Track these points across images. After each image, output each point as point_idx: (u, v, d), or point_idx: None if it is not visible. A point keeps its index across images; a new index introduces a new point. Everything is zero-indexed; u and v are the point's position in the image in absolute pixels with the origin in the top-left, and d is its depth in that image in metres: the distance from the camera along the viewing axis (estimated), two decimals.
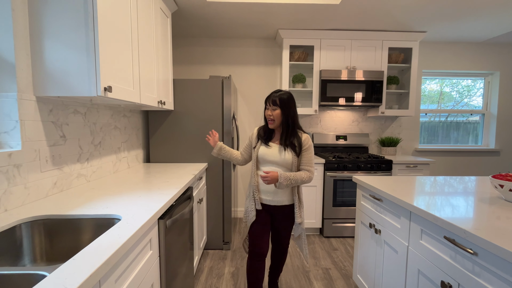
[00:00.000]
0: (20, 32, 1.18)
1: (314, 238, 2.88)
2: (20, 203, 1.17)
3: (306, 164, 1.59)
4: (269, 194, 1.63)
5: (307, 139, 1.60)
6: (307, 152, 1.58)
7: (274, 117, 1.56)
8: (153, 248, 1.12)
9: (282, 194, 1.62)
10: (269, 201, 1.64)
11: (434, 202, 1.27)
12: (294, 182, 1.53)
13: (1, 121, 1.15)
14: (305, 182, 1.57)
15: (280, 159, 1.56)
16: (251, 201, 1.66)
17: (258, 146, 1.64)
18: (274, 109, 1.55)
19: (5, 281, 0.71)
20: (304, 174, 1.56)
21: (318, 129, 3.43)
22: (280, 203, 1.63)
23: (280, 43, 3.17)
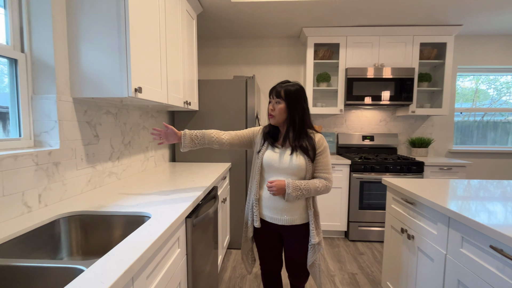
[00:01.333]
0: (59, 37, 1.25)
1: (339, 242, 2.80)
2: (58, 199, 1.24)
3: (322, 170, 1.29)
4: (276, 211, 1.31)
5: (321, 140, 1.31)
6: (322, 156, 1.29)
7: (276, 112, 1.28)
8: (180, 246, 1.14)
9: (293, 210, 1.30)
10: (276, 220, 1.32)
11: (474, 208, 1.17)
12: (307, 193, 1.24)
13: (42, 121, 1.22)
14: (321, 193, 1.27)
15: (290, 165, 1.26)
16: (250, 215, 1.40)
17: (264, 150, 1.35)
18: (278, 103, 1.28)
19: (46, 273, 0.74)
20: (320, 183, 1.26)
21: (343, 129, 3.33)
22: (290, 222, 1.31)
23: (304, 42, 3.11)
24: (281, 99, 1.27)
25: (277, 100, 1.28)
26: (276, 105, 1.29)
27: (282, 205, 1.30)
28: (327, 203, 2.80)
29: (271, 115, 1.31)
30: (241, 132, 1.46)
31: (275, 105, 1.29)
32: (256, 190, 1.35)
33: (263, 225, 1.39)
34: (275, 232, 1.39)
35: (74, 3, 1.27)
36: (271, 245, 1.42)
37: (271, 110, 1.30)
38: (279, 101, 1.28)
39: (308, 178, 1.29)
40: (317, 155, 1.29)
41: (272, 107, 1.30)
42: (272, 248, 1.42)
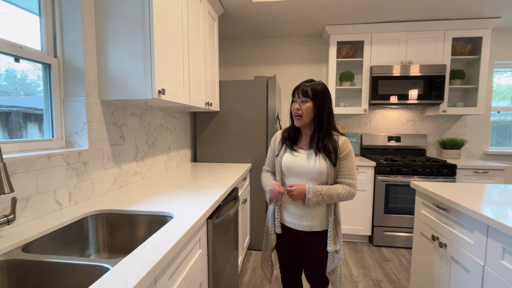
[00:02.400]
0: (88, 42, 1.30)
1: (363, 246, 2.70)
2: (87, 197, 1.29)
3: (346, 175, 1.22)
4: (295, 216, 1.28)
5: (345, 143, 1.23)
6: (346, 160, 1.22)
7: (303, 112, 1.22)
8: (202, 247, 1.14)
9: (313, 216, 1.26)
10: (295, 225, 1.29)
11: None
12: (328, 199, 1.17)
13: (72, 122, 1.28)
14: (343, 199, 1.21)
15: (311, 169, 1.21)
16: (271, 221, 1.36)
17: (282, 153, 1.31)
18: (304, 102, 1.22)
19: (74, 269, 0.77)
20: (342, 189, 1.19)
21: (368, 129, 3.21)
22: (309, 228, 1.27)
23: (327, 40, 3.04)
24: (308, 98, 1.21)
25: (303, 99, 1.22)
26: (302, 104, 1.22)
27: (301, 210, 1.27)
28: (350, 207, 2.70)
29: (298, 116, 1.24)
30: (267, 159, 1.44)
31: (301, 104, 1.23)
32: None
33: (283, 230, 1.36)
34: (294, 237, 1.35)
35: (102, 9, 1.32)
36: (291, 250, 1.37)
37: (297, 109, 1.23)
38: (305, 100, 1.22)
39: (330, 183, 1.23)
40: (341, 159, 1.22)
41: (298, 107, 1.23)
42: (292, 254, 1.38)
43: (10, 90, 1.27)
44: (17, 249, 0.82)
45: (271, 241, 1.36)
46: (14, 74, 1.25)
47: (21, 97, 1.29)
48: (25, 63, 1.24)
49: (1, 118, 1.20)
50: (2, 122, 1.20)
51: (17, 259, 0.78)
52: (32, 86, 1.34)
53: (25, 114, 1.26)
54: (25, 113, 1.26)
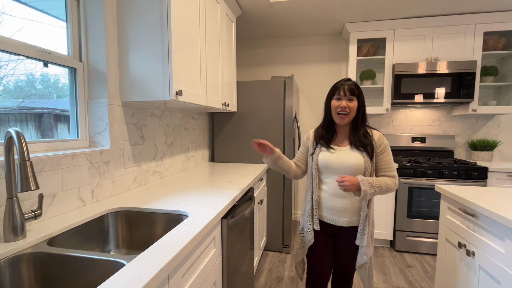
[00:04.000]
0: (111, 46, 1.36)
1: (384, 251, 2.60)
2: (108, 195, 1.35)
3: (386, 168, 1.27)
4: (334, 212, 1.30)
5: (381, 138, 1.28)
6: (384, 154, 1.27)
7: (351, 110, 1.25)
8: (216, 247, 1.15)
9: (353, 212, 1.27)
10: (334, 221, 1.31)
11: None
12: (379, 190, 1.19)
13: (96, 123, 1.35)
14: (390, 190, 1.24)
15: (349, 165, 1.23)
16: (309, 219, 1.36)
17: (318, 151, 1.33)
18: (351, 100, 1.25)
19: (93, 264, 0.80)
20: (389, 180, 1.24)
21: (390, 129, 3.08)
22: (347, 224, 1.29)
23: (347, 38, 2.96)
24: (355, 97, 1.25)
25: (351, 97, 1.25)
26: (349, 102, 1.25)
27: (341, 205, 1.28)
28: None
29: (345, 113, 1.26)
30: (298, 154, 1.47)
31: (348, 102, 1.25)
32: (316, 192, 1.33)
33: (320, 226, 1.37)
34: (330, 234, 1.37)
35: (123, 14, 1.37)
36: (325, 248, 1.38)
37: (345, 107, 1.25)
38: (352, 98, 1.25)
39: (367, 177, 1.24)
40: (379, 153, 1.27)
41: (345, 104, 1.25)
42: (325, 251, 1.38)
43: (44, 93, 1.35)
44: (43, 243, 0.88)
45: (309, 238, 1.36)
46: (48, 78, 1.34)
47: (54, 99, 1.38)
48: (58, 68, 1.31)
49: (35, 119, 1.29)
50: (36, 123, 1.29)
51: (42, 252, 0.83)
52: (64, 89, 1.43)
53: (56, 116, 1.34)
54: (56, 114, 1.34)
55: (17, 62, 1.20)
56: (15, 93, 1.25)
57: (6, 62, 1.17)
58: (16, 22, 1.13)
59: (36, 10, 1.24)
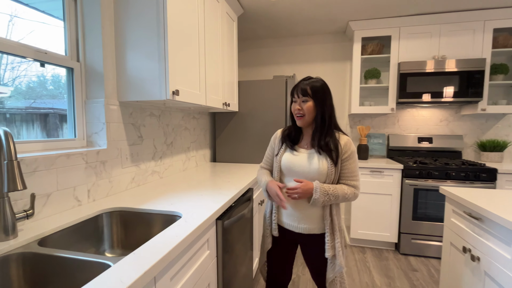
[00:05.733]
0: (108, 46, 1.36)
1: (388, 254, 2.54)
2: (105, 194, 1.35)
3: (349, 176, 1.18)
4: (293, 217, 1.23)
5: (348, 143, 1.19)
6: (349, 161, 1.18)
7: (305, 111, 1.18)
8: (210, 248, 1.13)
9: (312, 219, 1.21)
10: (293, 227, 1.24)
11: None
12: (334, 198, 1.13)
13: (93, 123, 1.35)
14: (348, 200, 1.17)
15: (311, 169, 1.16)
16: (268, 223, 1.33)
17: (282, 152, 1.27)
18: (305, 101, 1.18)
19: (82, 264, 0.80)
20: (348, 189, 1.16)
21: (395, 130, 3.02)
22: (307, 231, 1.22)
23: (351, 37, 2.91)
24: (308, 97, 1.17)
25: (303, 98, 1.18)
26: (303, 104, 1.18)
27: (299, 212, 1.22)
28: (374, 211, 2.56)
29: (300, 116, 1.20)
30: (265, 157, 1.40)
31: (301, 104, 1.19)
32: None
33: (280, 232, 1.32)
34: (291, 240, 1.31)
35: (120, 13, 1.37)
36: (285, 254, 1.33)
37: (299, 110, 1.19)
38: (306, 100, 1.18)
39: (328, 183, 1.17)
40: (344, 160, 1.18)
41: (299, 107, 1.19)
42: (285, 258, 1.34)
43: (55, 93, 1.36)
44: (34, 243, 0.87)
45: (267, 243, 1.33)
46: (59, 79, 1.35)
47: (64, 99, 1.39)
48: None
49: (41, 119, 1.30)
50: (41, 123, 1.30)
51: (32, 252, 0.83)
52: None
53: (61, 116, 1.35)
54: (61, 114, 1.35)
55: (28, 64, 1.22)
56: (27, 94, 1.26)
57: (19, 64, 1.19)
58: (20, 23, 1.14)
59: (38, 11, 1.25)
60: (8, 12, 1.10)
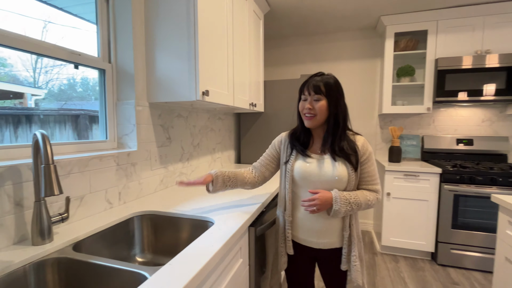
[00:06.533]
0: (138, 46, 1.34)
1: (424, 264, 2.36)
2: (135, 197, 1.33)
3: (369, 181, 1.07)
4: (311, 232, 1.10)
5: (365, 144, 1.07)
6: (368, 164, 1.06)
7: (317, 111, 1.04)
8: (243, 256, 1.08)
9: (332, 232, 1.08)
10: (312, 243, 1.11)
11: None
12: (357, 207, 1.01)
13: (123, 125, 1.34)
14: (370, 207, 1.06)
15: (329, 177, 1.03)
16: (281, 241, 1.18)
17: (293, 160, 1.11)
18: (317, 100, 1.03)
19: (115, 273, 0.76)
20: (370, 195, 1.05)
21: (430, 130, 2.82)
22: (328, 246, 1.10)
23: (382, 32, 2.76)
24: (321, 95, 1.03)
25: (316, 96, 1.04)
26: (315, 102, 1.04)
27: (319, 225, 1.08)
28: (409, 217, 2.39)
29: (311, 115, 1.05)
30: (263, 156, 1.24)
31: (313, 103, 1.04)
32: (289, 210, 1.13)
33: (296, 249, 1.18)
34: (309, 257, 1.18)
35: (150, 14, 1.35)
36: (304, 273, 1.21)
37: (309, 109, 1.05)
38: (318, 98, 1.03)
39: (349, 191, 1.06)
40: (362, 163, 1.06)
41: (310, 106, 1.05)
42: (305, 277, 1.22)
43: (84, 95, 1.39)
44: (68, 247, 0.86)
45: (282, 263, 1.18)
46: (87, 81, 1.37)
47: (92, 101, 1.41)
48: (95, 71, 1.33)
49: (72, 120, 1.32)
50: (73, 124, 1.32)
51: (67, 258, 0.81)
52: None
53: (91, 117, 1.36)
54: (90, 115, 1.36)
55: (60, 68, 1.24)
56: (59, 96, 1.29)
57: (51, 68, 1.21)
58: (54, 28, 1.15)
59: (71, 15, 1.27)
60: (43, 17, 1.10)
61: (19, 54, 1.09)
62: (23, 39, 0.97)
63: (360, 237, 1.13)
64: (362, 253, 1.12)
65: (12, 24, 0.99)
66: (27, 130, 1.11)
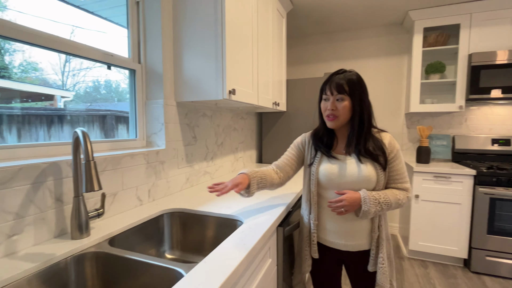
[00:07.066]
0: (167, 47, 1.37)
1: (456, 271, 2.24)
2: (163, 194, 1.36)
3: (398, 179, 1.03)
4: (340, 235, 1.06)
5: (392, 142, 1.03)
6: (396, 162, 1.02)
7: (340, 112, 0.99)
8: (271, 256, 1.06)
9: (361, 234, 1.04)
10: (340, 245, 1.07)
11: None
12: (386, 207, 0.97)
13: (152, 123, 1.36)
14: (401, 206, 1.02)
15: (356, 178, 0.99)
16: (306, 244, 1.14)
17: (317, 161, 1.08)
18: (340, 99, 0.99)
19: (150, 268, 0.78)
20: (400, 194, 1.01)
21: (462, 130, 2.67)
22: (358, 248, 1.06)
23: (409, 28, 2.65)
24: (345, 94, 0.98)
25: (338, 96, 0.99)
26: (338, 102, 0.99)
27: (347, 227, 1.05)
28: (439, 221, 2.28)
29: (333, 116, 1.00)
30: (285, 156, 1.20)
31: (336, 103, 1.00)
32: (314, 213, 1.09)
33: (321, 251, 1.15)
34: (336, 259, 1.14)
35: (178, 15, 1.37)
36: (331, 276, 1.17)
37: (332, 110, 1.00)
38: (341, 98, 0.99)
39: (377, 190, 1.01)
40: (391, 161, 1.02)
41: (333, 106, 1.00)
42: (332, 280, 1.18)
43: (107, 97, 1.44)
44: (105, 242, 0.88)
45: (306, 266, 1.14)
46: (110, 84, 1.42)
47: (115, 102, 1.46)
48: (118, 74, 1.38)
49: (99, 120, 1.37)
50: (100, 123, 1.37)
51: (104, 252, 0.83)
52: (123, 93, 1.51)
53: (117, 117, 1.41)
54: (116, 116, 1.40)
55: (86, 71, 1.29)
56: (84, 98, 1.34)
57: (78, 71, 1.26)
58: (84, 31, 1.19)
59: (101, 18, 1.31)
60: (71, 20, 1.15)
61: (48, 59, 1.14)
62: (61, 41, 1.01)
63: (389, 238, 1.08)
64: (391, 255, 1.08)
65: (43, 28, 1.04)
66: (59, 130, 1.17)
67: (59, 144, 0.99)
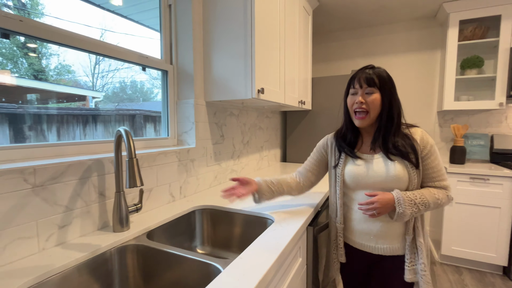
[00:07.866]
0: (197, 48, 1.40)
1: (494, 279, 2.10)
2: (193, 191, 1.40)
3: (435, 177, 0.95)
4: (369, 237, 1.00)
5: (424, 136, 0.95)
6: (431, 158, 0.94)
7: (370, 107, 0.94)
8: (301, 256, 1.06)
9: (394, 236, 0.97)
10: (370, 248, 1.00)
11: None
12: (424, 208, 0.90)
13: (183, 122, 1.41)
14: (441, 206, 0.94)
15: (384, 178, 0.93)
16: (333, 247, 1.10)
17: (342, 163, 1.03)
18: (369, 93, 0.94)
19: (187, 262, 0.80)
20: (439, 193, 0.93)
21: (502, 129, 2.49)
22: (391, 252, 0.98)
23: (443, 21, 2.51)
24: (375, 88, 0.93)
25: (369, 89, 0.94)
26: (367, 96, 0.94)
27: (377, 229, 0.97)
28: (475, 225, 2.15)
29: (364, 111, 0.95)
30: (307, 161, 1.18)
31: (365, 96, 0.94)
32: (340, 217, 1.05)
33: (350, 254, 1.08)
34: (367, 263, 1.06)
35: (208, 16, 1.40)
36: (361, 280, 1.10)
37: (361, 103, 0.94)
38: (371, 91, 0.93)
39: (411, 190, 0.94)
40: (424, 158, 0.94)
41: (362, 99, 0.94)
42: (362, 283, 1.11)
43: (133, 97, 1.51)
44: (143, 235, 0.93)
45: (334, 270, 1.10)
46: (135, 84, 1.49)
47: (140, 102, 1.52)
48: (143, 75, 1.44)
49: (129, 119, 1.43)
50: (130, 122, 1.43)
51: (144, 245, 0.87)
52: (148, 93, 1.57)
53: (145, 116, 1.47)
54: (145, 115, 1.46)
55: (114, 72, 1.36)
56: (112, 98, 1.41)
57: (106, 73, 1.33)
58: (114, 34, 1.25)
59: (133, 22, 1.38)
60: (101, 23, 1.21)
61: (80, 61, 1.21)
62: (104, 45, 1.07)
63: (428, 242, 1.01)
64: (429, 256, 1.00)
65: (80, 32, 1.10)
66: (93, 129, 1.24)
67: (98, 143, 1.05)
